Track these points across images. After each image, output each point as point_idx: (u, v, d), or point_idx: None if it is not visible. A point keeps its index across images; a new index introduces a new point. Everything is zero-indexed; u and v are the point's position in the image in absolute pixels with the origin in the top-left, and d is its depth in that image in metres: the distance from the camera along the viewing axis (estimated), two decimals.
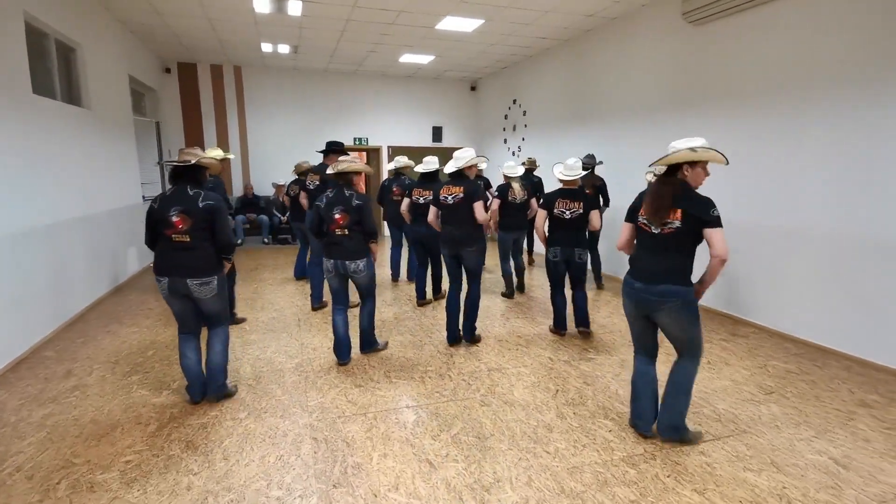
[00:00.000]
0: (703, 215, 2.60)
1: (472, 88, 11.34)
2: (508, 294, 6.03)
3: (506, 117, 10.00)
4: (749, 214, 5.00)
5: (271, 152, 10.20)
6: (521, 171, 5.89)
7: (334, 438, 2.88)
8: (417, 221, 5.42)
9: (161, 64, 9.24)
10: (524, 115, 9.31)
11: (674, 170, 2.72)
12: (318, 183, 5.31)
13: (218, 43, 7.99)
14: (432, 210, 4.34)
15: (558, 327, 4.73)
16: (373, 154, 11.20)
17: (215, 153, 4.66)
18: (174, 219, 2.98)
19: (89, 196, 5.62)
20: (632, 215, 2.90)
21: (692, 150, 2.65)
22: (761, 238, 4.89)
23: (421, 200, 5.35)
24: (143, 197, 7.68)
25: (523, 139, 9.39)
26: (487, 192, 6.42)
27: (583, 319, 4.62)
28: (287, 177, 9.85)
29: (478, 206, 4.08)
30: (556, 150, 7.96)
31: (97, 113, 5.98)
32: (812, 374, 3.88)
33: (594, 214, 4.42)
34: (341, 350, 3.95)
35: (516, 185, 5.67)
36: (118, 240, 6.46)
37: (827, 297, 4.34)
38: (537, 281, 6.81)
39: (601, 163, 6.48)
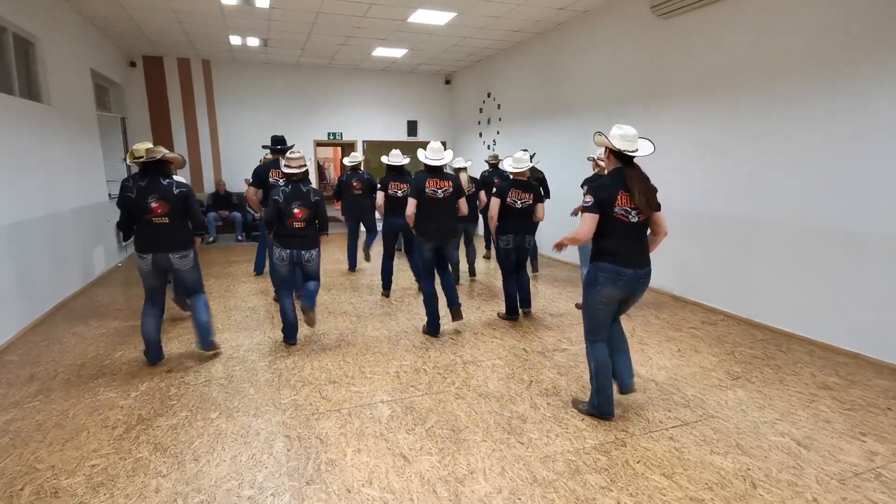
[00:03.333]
0: (656, 201, 2.92)
1: (447, 82, 11.32)
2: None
3: (480, 111, 10.01)
4: (717, 204, 5.10)
5: (243, 148, 10.02)
6: (468, 164, 6.13)
7: (308, 436, 2.87)
8: (396, 214, 5.51)
9: (125, 58, 8.99)
10: (498, 108, 9.33)
11: (626, 158, 2.91)
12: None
13: (184, 36, 7.81)
14: (412, 203, 4.31)
15: (511, 314, 4.96)
16: (347, 149, 11.10)
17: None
18: (153, 205, 3.50)
19: (52, 194, 5.45)
20: (601, 207, 2.85)
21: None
22: (729, 227, 5.00)
23: (399, 194, 5.55)
24: (109, 195, 7.48)
25: (498, 132, 9.42)
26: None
27: (526, 301, 5.00)
28: (247, 173, 9.70)
29: (463, 201, 4.45)
30: (531, 142, 8.00)
31: (58, 109, 5.79)
32: (777, 358, 4.00)
33: (540, 207, 4.75)
34: (291, 333, 4.26)
35: (464, 177, 5.93)
36: (84, 239, 6.29)
37: (791, 285, 4.47)
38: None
39: (534, 154, 6.61)
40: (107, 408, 3.20)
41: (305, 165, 4.10)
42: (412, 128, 11.23)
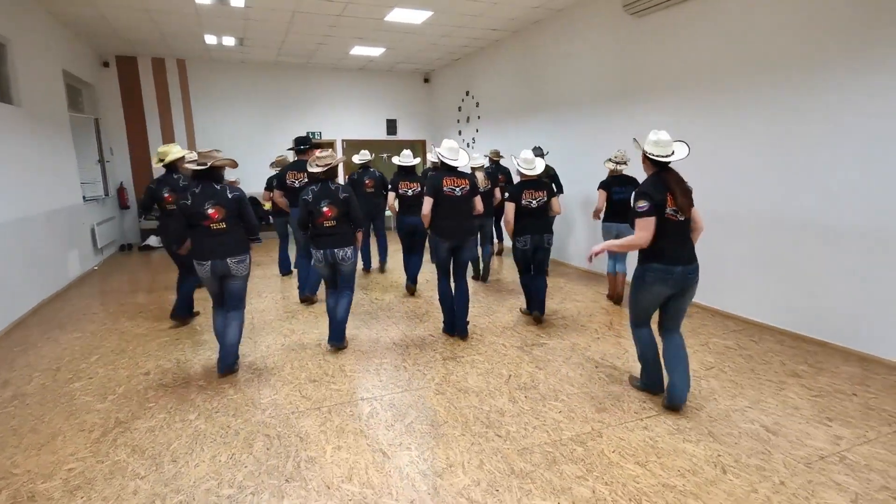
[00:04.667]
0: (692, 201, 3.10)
1: (426, 80, 11.33)
2: (476, 276, 6.41)
3: (459, 109, 10.04)
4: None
5: (221, 148, 9.85)
6: (484, 161, 6.21)
7: (287, 434, 2.88)
8: (408, 212, 5.66)
9: (98, 58, 8.84)
10: (477, 106, 9.38)
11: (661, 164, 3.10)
12: (305, 180, 5.33)
13: (159, 35, 7.70)
14: (428, 202, 4.22)
15: (533, 308, 4.83)
16: (328, 148, 11.06)
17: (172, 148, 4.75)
18: (210, 211, 3.47)
19: (23, 197, 5.35)
20: (657, 209, 2.98)
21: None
22: (703, 221, 5.10)
23: (409, 193, 5.70)
24: (84, 197, 7.36)
25: (477, 130, 9.47)
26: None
27: (540, 305, 4.77)
28: (237, 174, 9.61)
29: (478, 199, 4.43)
30: (509, 140, 8.07)
31: (29, 110, 5.68)
32: (749, 348, 4.11)
33: (555, 201, 4.71)
34: (338, 334, 4.14)
35: (480, 175, 5.91)
36: (58, 242, 6.18)
37: (763, 277, 4.59)
38: (496, 268, 6.92)
39: (548, 153, 6.66)
40: (83, 411, 3.17)
41: (330, 163, 3.99)
42: (391, 126, 11.22)
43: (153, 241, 9.13)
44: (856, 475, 2.49)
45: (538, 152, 6.38)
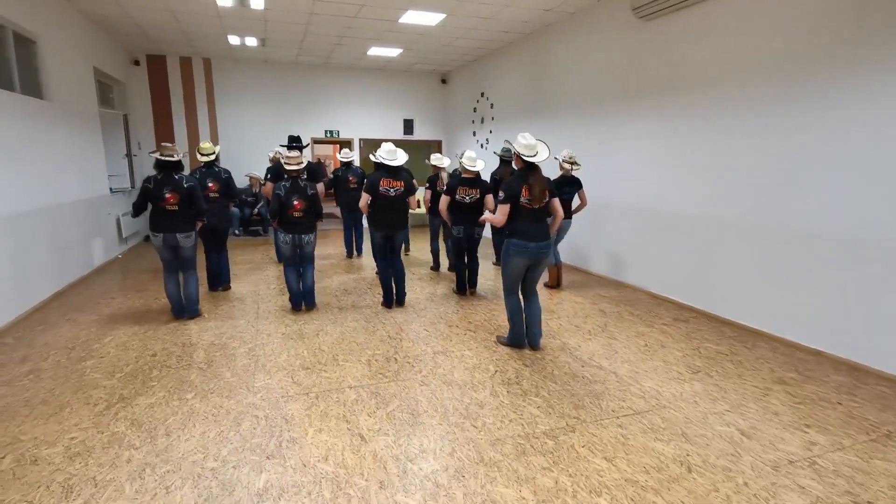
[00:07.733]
0: (555, 190, 3.89)
1: (443, 81, 11.46)
2: (435, 267, 7.00)
3: (474, 110, 10.15)
4: (690, 203, 5.22)
5: (242, 144, 10.23)
6: (447, 162, 6.56)
7: (274, 416, 3.04)
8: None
9: (129, 56, 9.22)
10: (491, 107, 9.47)
11: (529, 162, 3.77)
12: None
13: (184, 35, 8.01)
14: (365, 197, 4.91)
15: (460, 290, 5.73)
16: (345, 146, 11.28)
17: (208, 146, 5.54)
18: (167, 195, 4.42)
19: (51, 187, 5.66)
20: (512, 199, 3.77)
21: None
22: (702, 226, 5.12)
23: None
24: (111, 189, 7.71)
25: (491, 132, 9.56)
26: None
27: (474, 283, 5.73)
28: (259, 168, 9.92)
29: (413, 199, 5.08)
30: None
31: (59, 105, 6.00)
32: (740, 354, 4.12)
33: (488, 198, 5.31)
34: (297, 301, 5.05)
35: (444, 175, 6.29)
36: (83, 231, 6.51)
37: (759, 283, 4.58)
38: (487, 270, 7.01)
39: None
40: (91, 387, 3.40)
41: (302, 163, 4.89)
42: (408, 126, 11.39)
43: None
44: (821, 480, 2.52)
45: (506, 153, 6.57)
